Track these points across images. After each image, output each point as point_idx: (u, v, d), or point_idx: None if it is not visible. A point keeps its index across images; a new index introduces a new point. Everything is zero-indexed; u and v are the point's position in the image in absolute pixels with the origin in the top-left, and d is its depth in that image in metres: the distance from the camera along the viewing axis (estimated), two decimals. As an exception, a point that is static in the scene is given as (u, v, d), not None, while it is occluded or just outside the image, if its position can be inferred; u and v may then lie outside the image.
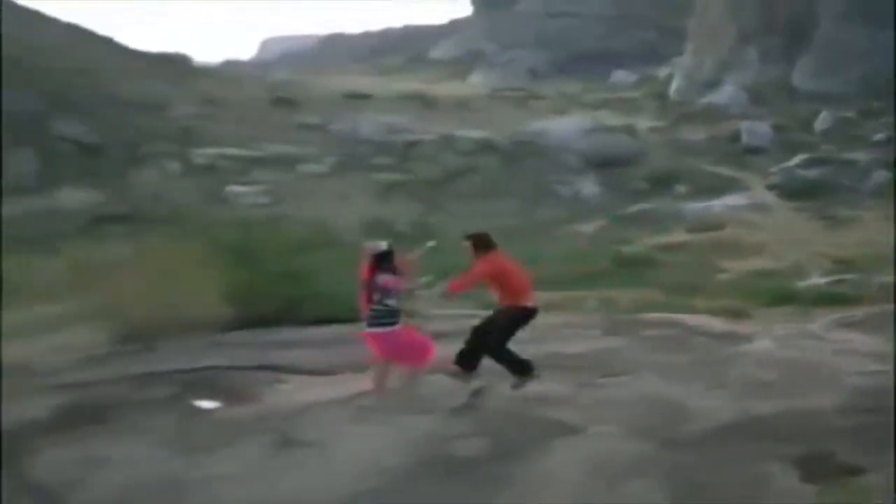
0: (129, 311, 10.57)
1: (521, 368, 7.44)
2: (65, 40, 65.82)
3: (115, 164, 47.76)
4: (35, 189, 42.10)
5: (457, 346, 8.84)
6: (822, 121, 55.33)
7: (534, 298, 7.54)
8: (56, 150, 47.07)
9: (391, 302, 7.13)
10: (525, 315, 7.47)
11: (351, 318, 10.96)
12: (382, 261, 7.28)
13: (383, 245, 7.54)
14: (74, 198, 41.05)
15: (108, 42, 73.55)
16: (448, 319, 12.06)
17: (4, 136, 45.32)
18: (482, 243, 7.56)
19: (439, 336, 9.88)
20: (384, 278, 7.15)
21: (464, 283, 7.61)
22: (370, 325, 7.16)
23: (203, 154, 50.96)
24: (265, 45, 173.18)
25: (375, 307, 7.13)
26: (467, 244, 7.60)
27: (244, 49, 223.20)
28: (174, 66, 75.89)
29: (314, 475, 5.80)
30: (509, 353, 7.47)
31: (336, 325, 10.84)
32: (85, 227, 38.18)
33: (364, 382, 7.82)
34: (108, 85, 60.01)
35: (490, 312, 7.90)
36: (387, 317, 7.13)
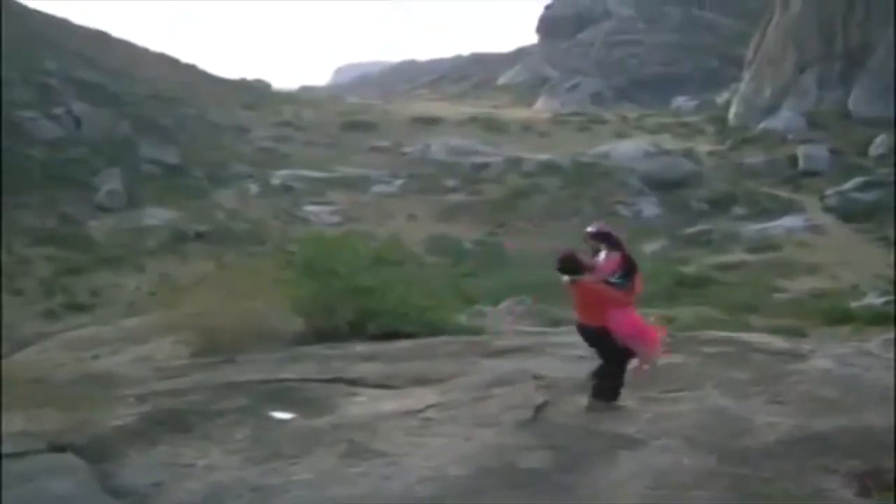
0: (209, 324, 10.93)
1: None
2: (152, 68, 68.20)
3: (196, 185, 49.23)
4: (122, 208, 43.64)
5: (521, 362, 8.98)
6: (878, 145, 55.48)
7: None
8: (142, 171, 48.74)
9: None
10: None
11: (416, 334, 11.25)
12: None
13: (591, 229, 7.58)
14: (158, 216, 42.38)
15: (191, 69, 75.94)
16: (517, 335, 12.18)
17: (95, 159, 47.20)
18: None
19: (505, 352, 10.10)
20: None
21: None
22: None
23: (280, 175, 52.12)
24: (339, 71, 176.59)
25: None
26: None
27: (320, 75, 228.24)
28: (254, 91, 78.01)
29: (383, 483, 5.98)
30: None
31: (402, 340, 11.05)
32: (168, 243, 39.49)
33: (429, 396, 8.05)
34: (192, 109, 61.93)
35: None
36: None
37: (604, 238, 7.44)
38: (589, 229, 7.63)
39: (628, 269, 7.18)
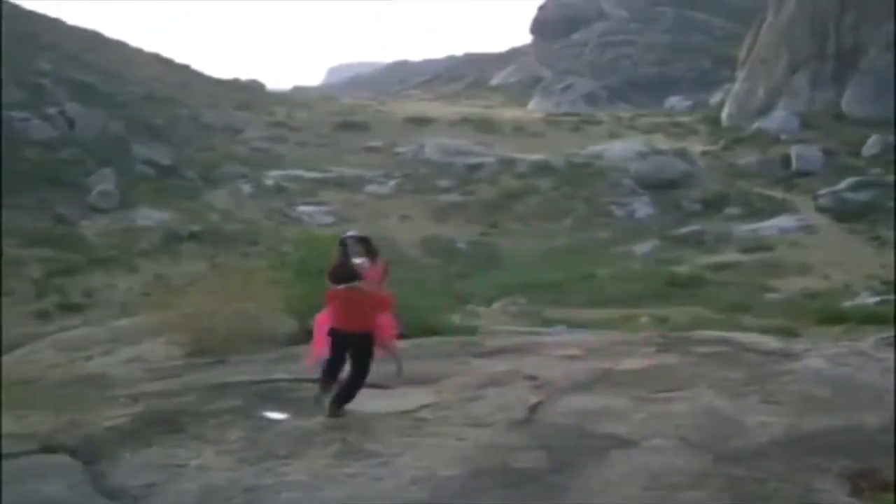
0: (202, 325, 10.91)
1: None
2: (145, 68, 68.12)
3: (190, 185, 49.21)
4: (115, 208, 43.61)
5: (514, 362, 8.96)
6: (871, 145, 55.79)
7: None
8: (135, 172, 48.68)
9: None
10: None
11: (408, 334, 11.23)
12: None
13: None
14: (152, 217, 42.37)
15: (185, 69, 75.85)
16: (507, 336, 12.18)
17: (88, 160, 47.13)
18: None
19: (498, 352, 10.09)
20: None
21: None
22: None
23: (273, 175, 52.13)
24: (332, 71, 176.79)
25: None
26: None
27: (313, 75, 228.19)
28: (247, 91, 77.93)
29: (376, 484, 5.97)
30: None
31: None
32: (161, 244, 39.47)
33: (422, 396, 8.04)
34: (186, 110, 61.86)
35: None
36: None
37: (365, 242, 7.98)
38: (352, 233, 8.10)
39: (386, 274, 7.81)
